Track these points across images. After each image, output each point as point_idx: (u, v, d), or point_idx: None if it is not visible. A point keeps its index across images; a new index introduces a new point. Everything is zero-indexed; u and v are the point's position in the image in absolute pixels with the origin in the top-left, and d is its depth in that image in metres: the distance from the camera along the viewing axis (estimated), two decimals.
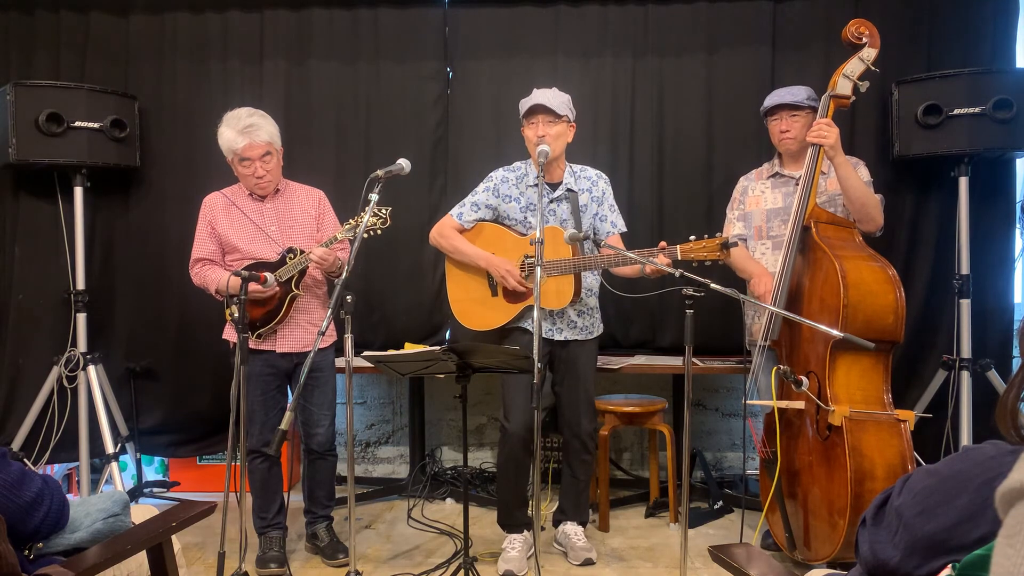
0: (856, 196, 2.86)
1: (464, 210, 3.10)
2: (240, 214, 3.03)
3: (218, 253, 3.05)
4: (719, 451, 4.24)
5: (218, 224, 3.02)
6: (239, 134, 2.92)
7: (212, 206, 3.06)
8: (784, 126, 3.01)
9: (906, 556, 1.07)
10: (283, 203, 3.08)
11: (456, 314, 3.15)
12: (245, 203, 3.05)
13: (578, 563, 3.03)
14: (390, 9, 3.87)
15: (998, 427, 1.00)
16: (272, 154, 2.98)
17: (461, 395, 2.54)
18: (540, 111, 2.91)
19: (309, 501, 3.16)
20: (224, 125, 2.97)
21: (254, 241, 3.01)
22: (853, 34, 2.83)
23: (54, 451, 3.68)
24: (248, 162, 2.95)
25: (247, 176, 2.98)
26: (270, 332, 2.99)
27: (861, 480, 2.48)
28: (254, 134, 2.92)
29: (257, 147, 2.93)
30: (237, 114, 2.96)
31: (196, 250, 3.06)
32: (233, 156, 2.97)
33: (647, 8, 3.80)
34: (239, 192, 3.07)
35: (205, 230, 3.05)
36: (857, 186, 2.86)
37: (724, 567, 1.60)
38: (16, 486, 1.61)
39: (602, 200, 3.07)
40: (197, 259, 3.06)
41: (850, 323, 2.55)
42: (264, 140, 2.95)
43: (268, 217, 3.04)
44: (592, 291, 3.08)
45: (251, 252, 2.99)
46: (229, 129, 2.94)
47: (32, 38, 3.85)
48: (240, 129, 2.92)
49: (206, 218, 3.05)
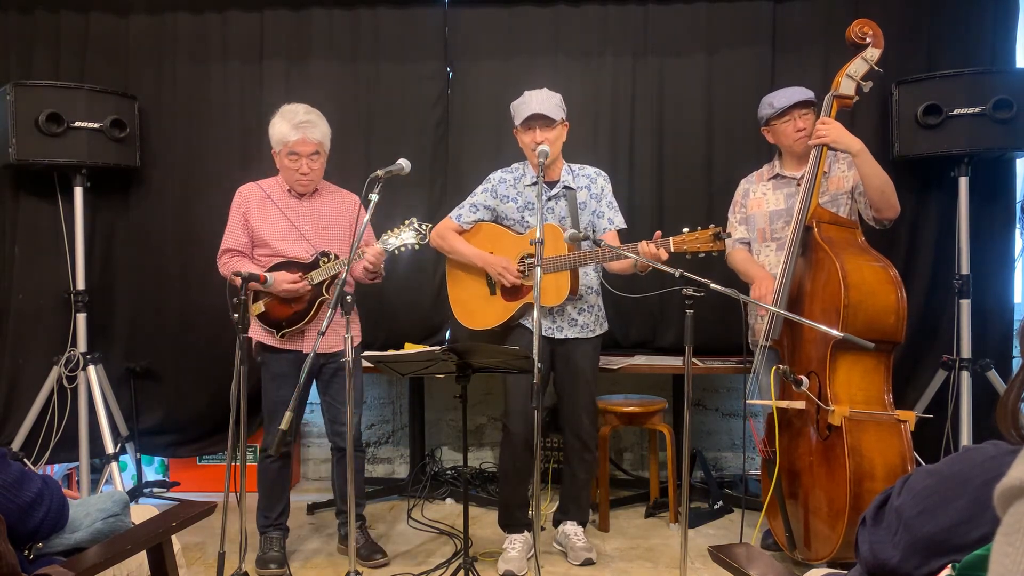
0: (876, 184, 2.83)
1: (463, 211, 3.11)
2: (275, 209, 3.02)
3: (248, 245, 3.05)
4: (719, 451, 4.23)
5: (251, 217, 3.02)
6: (294, 128, 2.93)
7: (247, 197, 3.05)
8: (801, 124, 2.98)
9: (906, 556, 1.07)
10: (319, 203, 3.07)
11: (457, 314, 3.16)
12: (281, 198, 3.04)
13: (578, 563, 3.03)
14: (390, 9, 3.87)
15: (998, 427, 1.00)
16: (320, 154, 2.99)
17: (461, 395, 2.54)
18: (538, 119, 2.91)
19: (341, 500, 3.15)
20: (279, 117, 2.98)
21: (286, 238, 3.00)
22: (857, 34, 2.82)
23: (54, 451, 3.68)
24: (296, 157, 2.95)
25: (292, 170, 2.97)
26: (297, 332, 2.99)
27: (860, 480, 2.48)
28: (309, 130, 2.93)
29: (309, 144, 2.94)
30: (294, 108, 2.98)
31: (226, 240, 3.06)
32: (283, 148, 2.97)
33: (647, 8, 3.80)
34: (276, 186, 3.07)
35: (238, 221, 3.04)
36: (877, 173, 2.82)
37: (724, 567, 1.60)
38: (16, 487, 1.61)
39: (601, 197, 3.08)
40: (227, 249, 3.06)
41: (851, 323, 2.55)
42: (317, 139, 2.96)
43: (303, 216, 3.04)
44: (592, 289, 3.09)
45: (281, 250, 2.99)
46: (284, 122, 2.95)
47: (32, 38, 3.85)
48: (296, 123, 2.93)
49: (240, 208, 3.05)
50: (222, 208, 3.91)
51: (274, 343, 3.01)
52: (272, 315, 2.99)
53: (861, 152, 2.80)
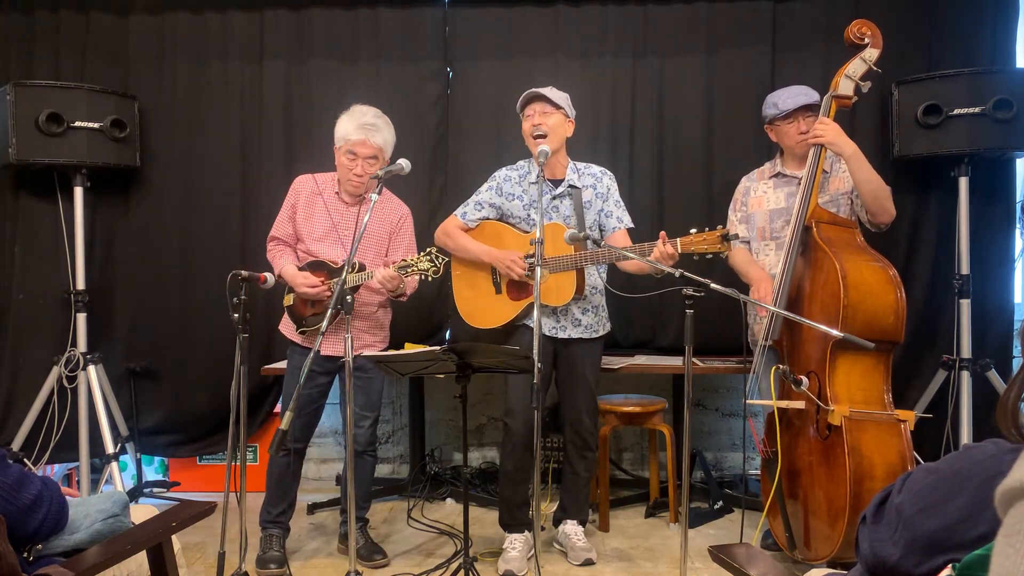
0: (869, 189, 2.83)
1: (468, 209, 3.12)
2: (323, 207, 3.03)
3: (294, 236, 3.07)
4: (719, 451, 4.24)
5: (299, 210, 3.04)
6: (359, 128, 2.93)
7: (299, 189, 3.07)
8: (804, 127, 2.97)
9: (906, 554, 1.07)
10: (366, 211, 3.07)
11: (462, 313, 3.16)
12: (331, 198, 3.05)
13: (578, 563, 3.02)
14: (390, 9, 3.87)
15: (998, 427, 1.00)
16: (379, 160, 2.98)
17: (461, 395, 2.54)
18: (536, 99, 2.92)
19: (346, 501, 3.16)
20: (347, 114, 2.99)
21: (324, 239, 3.01)
22: (855, 34, 2.82)
23: (54, 451, 3.68)
24: (353, 156, 2.95)
25: (346, 168, 2.98)
26: (314, 332, 2.98)
27: (860, 480, 2.48)
28: (372, 134, 2.94)
29: (369, 147, 2.95)
30: (363, 110, 2.99)
31: (276, 228, 3.09)
32: (343, 144, 2.97)
33: (647, 8, 3.81)
34: (330, 184, 3.07)
35: (288, 211, 3.07)
36: (869, 179, 2.82)
37: (724, 567, 1.60)
38: (15, 488, 1.61)
39: (607, 196, 3.08)
40: (274, 236, 3.10)
41: (850, 323, 2.55)
42: (378, 144, 2.96)
43: (348, 220, 3.04)
44: (597, 289, 3.09)
45: (315, 250, 3.00)
46: (351, 120, 2.96)
47: (32, 38, 3.85)
48: (361, 124, 2.94)
49: (291, 199, 3.07)
50: (222, 207, 3.93)
51: (295, 339, 3.05)
52: (296, 310, 3.04)
53: (853, 156, 2.80)
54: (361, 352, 2.94)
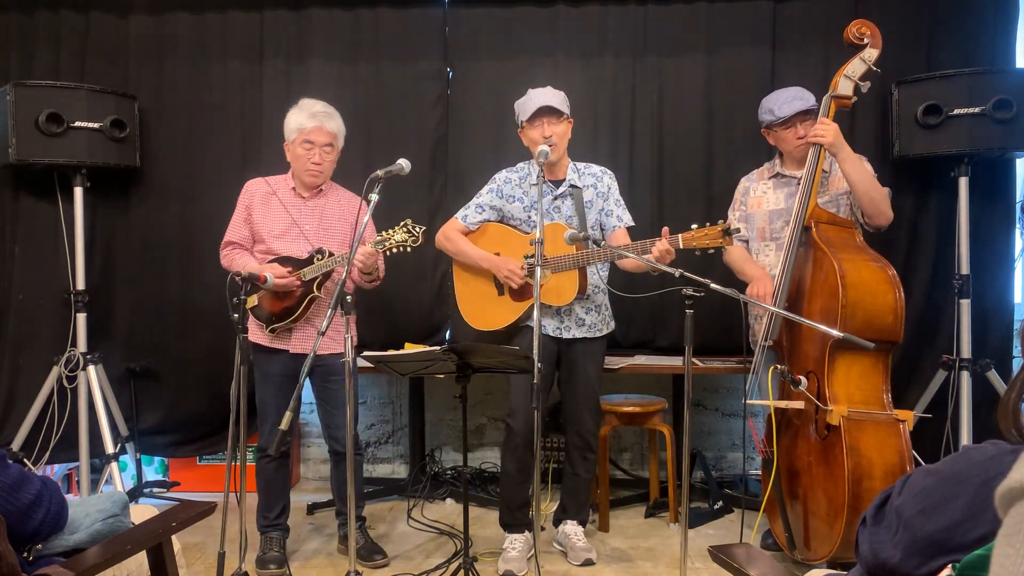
0: (864, 190, 2.84)
1: (469, 212, 3.12)
2: (279, 205, 3.03)
3: (250, 239, 3.06)
4: (719, 451, 4.24)
5: (254, 211, 3.03)
6: (311, 116, 2.96)
7: (252, 192, 3.07)
8: (802, 132, 2.97)
9: (906, 556, 1.07)
10: (324, 203, 3.08)
11: (464, 315, 3.16)
12: (286, 196, 3.05)
13: (578, 563, 3.03)
14: (390, 9, 3.87)
15: (999, 427, 1.00)
16: (334, 147, 3.02)
17: (461, 395, 2.54)
18: (546, 112, 2.92)
19: (340, 502, 3.15)
20: (296, 108, 3.02)
21: (285, 236, 3.01)
22: (855, 35, 2.83)
23: (54, 451, 3.68)
24: (310, 145, 2.96)
25: (304, 159, 2.98)
26: (285, 330, 2.98)
27: (859, 480, 2.48)
28: (325, 121, 2.97)
29: (324, 133, 2.97)
30: (311, 102, 3.03)
31: (229, 233, 3.08)
32: (298, 136, 2.98)
33: (647, 8, 3.80)
34: (283, 184, 3.07)
35: (242, 214, 3.06)
36: (864, 180, 2.84)
37: (724, 567, 1.60)
38: (15, 488, 1.61)
39: (607, 195, 3.08)
40: (229, 242, 3.08)
41: (849, 323, 2.55)
42: (332, 130, 2.99)
43: (306, 214, 3.04)
44: (600, 288, 3.09)
45: (277, 248, 2.99)
46: (302, 112, 2.99)
47: (32, 38, 3.85)
48: (313, 112, 2.97)
49: (244, 203, 3.07)
50: (222, 208, 3.92)
51: (264, 342, 3.01)
52: (263, 309, 3.00)
53: (847, 159, 2.82)
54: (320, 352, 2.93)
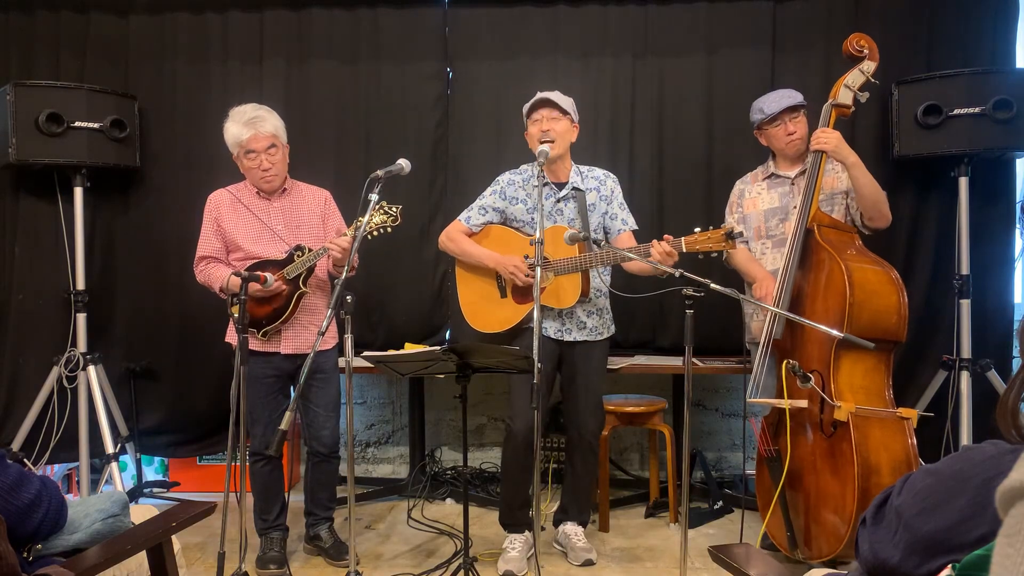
0: (869, 194, 2.89)
1: (472, 214, 3.12)
2: (247, 212, 3.02)
3: (223, 251, 3.04)
4: (719, 451, 4.23)
5: (224, 221, 3.01)
6: (244, 126, 2.93)
7: (218, 203, 3.05)
8: (791, 128, 3.03)
9: (906, 556, 1.07)
10: (290, 202, 3.07)
11: (467, 317, 3.16)
12: (252, 201, 3.04)
13: (578, 563, 3.03)
14: (390, 9, 3.87)
15: (998, 427, 1.00)
16: (277, 147, 2.98)
17: (461, 395, 2.54)
18: (545, 105, 2.93)
19: (311, 503, 3.15)
20: (229, 120, 2.98)
21: (259, 240, 3.00)
22: (854, 47, 2.90)
23: (54, 451, 3.68)
24: (254, 154, 2.95)
25: (253, 169, 2.97)
26: (275, 332, 2.98)
27: (868, 475, 2.49)
28: (259, 126, 2.93)
29: (262, 138, 2.94)
30: (242, 109, 2.98)
31: (201, 247, 3.05)
32: (239, 150, 2.96)
33: (647, 8, 3.80)
34: (245, 190, 3.06)
35: (211, 227, 3.04)
36: (869, 184, 2.89)
37: (724, 567, 1.60)
38: (14, 488, 1.61)
39: (611, 199, 3.08)
40: (202, 256, 3.05)
41: (855, 321, 2.58)
42: (269, 132, 2.95)
43: (275, 216, 3.03)
44: (601, 291, 3.09)
45: (255, 252, 2.98)
46: (234, 123, 2.95)
47: (32, 38, 3.85)
48: (245, 122, 2.93)
49: (211, 215, 3.04)
50: None
51: (255, 347, 2.97)
52: (251, 315, 2.93)
53: (856, 165, 2.87)
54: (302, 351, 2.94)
